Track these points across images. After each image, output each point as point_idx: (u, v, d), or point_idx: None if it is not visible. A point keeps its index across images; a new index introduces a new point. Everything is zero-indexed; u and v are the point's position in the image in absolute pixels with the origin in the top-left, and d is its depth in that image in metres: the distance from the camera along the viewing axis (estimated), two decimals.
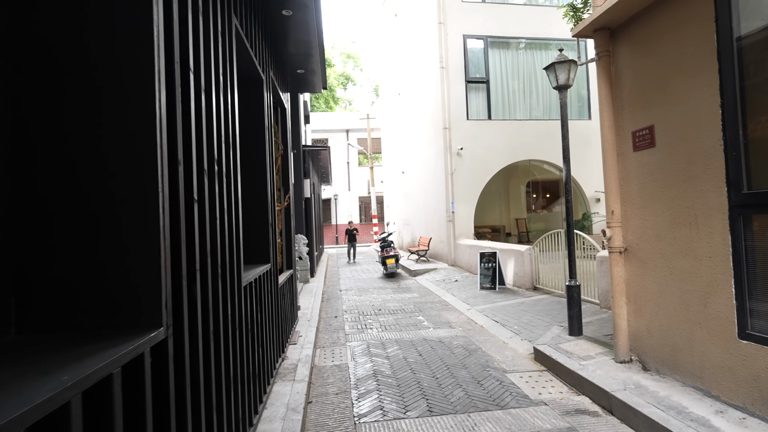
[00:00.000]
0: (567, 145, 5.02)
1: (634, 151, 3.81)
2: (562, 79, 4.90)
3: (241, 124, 3.92)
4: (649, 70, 3.63)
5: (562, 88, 4.96)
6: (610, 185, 4.04)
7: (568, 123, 5.05)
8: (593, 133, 12.96)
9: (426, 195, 14.87)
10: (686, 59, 3.24)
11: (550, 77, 5.02)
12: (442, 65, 12.46)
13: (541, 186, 18.36)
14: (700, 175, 3.15)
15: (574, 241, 4.99)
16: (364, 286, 10.86)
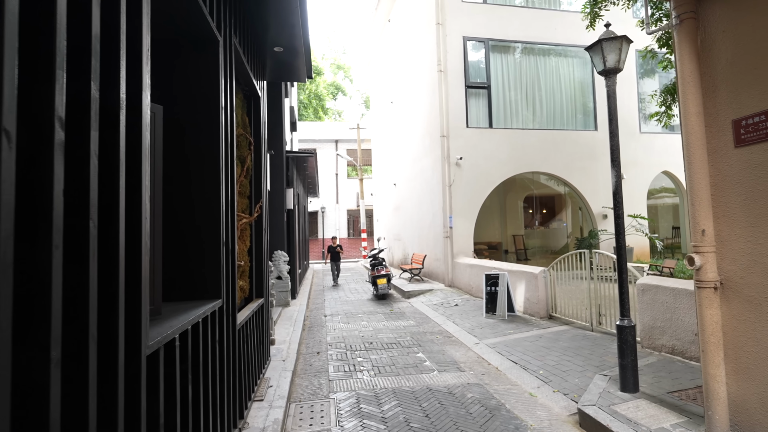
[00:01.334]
0: (617, 144, 3.96)
1: (737, 146, 2.74)
2: (611, 61, 3.86)
3: (173, 94, 2.76)
4: (763, 33, 2.59)
5: (610, 72, 3.91)
6: (698, 194, 2.95)
7: (617, 116, 3.99)
8: (600, 144, 12.07)
9: (420, 208, 13.77)
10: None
11: (596, 60, 3.98)
12: (440, 68, 11.49)
13: (539, 201, 17.44)
14: None
15: (625, 267, 3.88)
16: (353, 309, 9.62)
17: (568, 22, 12.15)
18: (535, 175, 12.76)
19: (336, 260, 14.02)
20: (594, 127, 12.24)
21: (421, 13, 12.94)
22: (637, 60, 12.67)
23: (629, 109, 12.45)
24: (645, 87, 12.89)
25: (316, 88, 29.98)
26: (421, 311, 9.15)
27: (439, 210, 11.89)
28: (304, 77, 5.38)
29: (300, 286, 12.25)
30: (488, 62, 11.70)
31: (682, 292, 4.62)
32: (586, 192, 12.04)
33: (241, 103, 4.30)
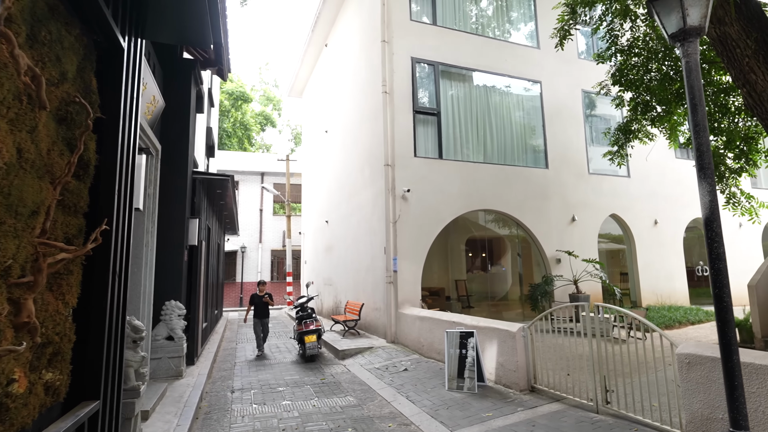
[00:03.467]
0: (706, 142, 2.49)
1: None
2: (695, 17, 2.49)
3: None
4: None
5: (690, 33, 2.54)
6: None
7: (702, 99, 2.57)
8: (551, 183, 11.29)
9: (357, 249, 11.95)
10: None
11: (666, 17, 2.58)
12: (385, 89, 10.15)
13: (479, 244, 16.48)
14: None
15: (733, 332, 2.36)
16: (272, 379, 7.34)
17: (518, 54, 11.57)
18: (481, 214, 11.61)
19: (262, 316, 9.60)
20: (545, 165, 11.48)
21: (365, 32, 11.72)
22: (584, 99, 12.36)
23: (577, 148, 11.94)
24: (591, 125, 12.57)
25: (243, 117, 27.62)
26: (361, 379, 7.12)
27: (381, 251, 10.18)
28: (209, 40, 3.51)
29: (204, 346, 9.64)
30: (438, 87, 10.60)
31: (765, 371, 3.22)
32: (539, 234, 11.04)
33: (73, 47, 2.34)
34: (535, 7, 12.12)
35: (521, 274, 14.17)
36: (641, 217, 12.35)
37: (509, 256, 14.84)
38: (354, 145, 12.38)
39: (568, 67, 12.17)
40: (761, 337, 7.01)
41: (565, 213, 11.42)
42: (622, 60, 9.18)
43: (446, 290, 14.60)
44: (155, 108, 6.58)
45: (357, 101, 12.22)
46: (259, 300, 9.73)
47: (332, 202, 14.56)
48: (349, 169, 12.74)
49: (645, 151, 11.33)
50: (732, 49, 6.49)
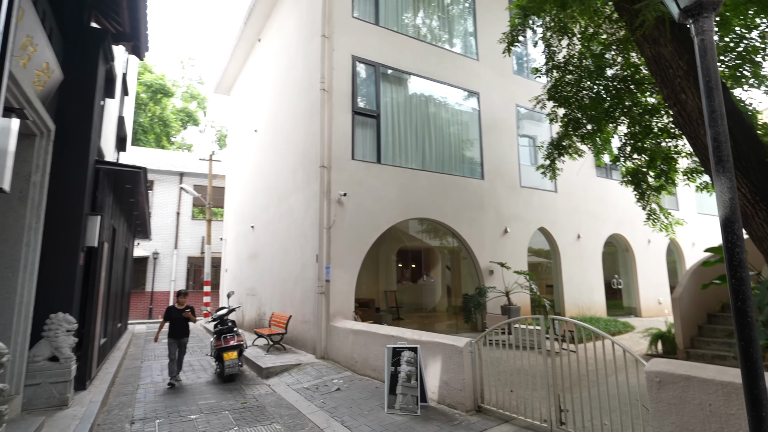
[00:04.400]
0: (723, 132, 2.19)
1: None
2: None
3: None
4: None
5: (705, 7, 2.24)
6: None
7: (719, 80, 2.28)
8: (486, 194, 11.33)
9: (285, 257, 11.07)
10: None
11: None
12: (323, 87, 9.52)
13: (410, 255, 16.28)
14: None
15: (759, 354, 2.04)
16: (182, 405, 6.27)
17: (458, 64, 11.56)
18: (413, 224, 11.32)
19: (180, 334, 7.63)
20: (481, 176, 11.49)
21: (303, 26, 11.04)
22: (517, 114, 12.66)
23: (511, 161, 12.15)
24: (523, 140, 12.90)
25: (162, 112, 25.15)
26: (289, 402, 6.31)
27: (312, 258, 9.43)
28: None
29: (101, 366, 8.18)
30: (378, 89, 10.19)
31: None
32: (474, 245, 10.96)
33: None
34: (476, 21, 12.25)
35: (449, 286, 14.11)
36: (566, 231, 12.84)
37: (440, 267, 14.76)
38: (286, 146, 11.55)
39: (504, 81, 12.43)
40: (683, 348, 7.31)
41: (498, 225, 11.49)
42: (557, 76, 9.42)
43: (376, 301, 14.11)
44: (49, 79, 5.40)
45: (292, 99, 11.44)
46: (178, 314, 7.73)
47: (259, 205, 13.51)
48: (280, 170, 11.86)
49: (571, 167, 11.80)
50: (665, 68, 6.75)
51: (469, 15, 12.30)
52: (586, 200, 13.48)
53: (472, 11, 12.28)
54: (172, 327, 7.65)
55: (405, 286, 15.43)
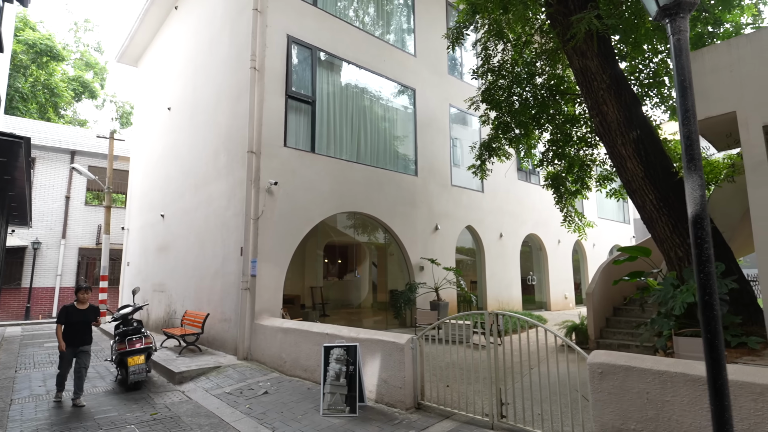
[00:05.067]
0: (695, 130, 2.44)
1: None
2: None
3: None
4: None
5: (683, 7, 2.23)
6: None
7: (692, 79, 2.40)
8: (419, 191, 11.38)
9: (203, 249, 10.10)
10: None
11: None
12: (254, 66, 8.80)
13: (338, 250, 15.92)
14: None
15: (722, 345, 2.09)
16: (72, 420, 5.32)
17: (396, 58, 11.43)
18: (341, 218, 11.01)
19: (79, 342, 6.07)
20: (415, 172, 11.50)
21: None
22: (450, 114, 12.89)
23: (443, 160, 12.34)
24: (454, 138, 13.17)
25: (49, 78, 21.64)
26: (209, 410, 5.66)
27: (235, 252, 8.69)
28: None
29: None
30: (315, 74, 9.68)
31: (678, 379, 3.18)
32: (405, 241, 10.93)
33: None
34: (415, 18, 12.22)
35: (375, 283, 14.02)
36: (491, 230, 13.38)
37: (367, 263, 14.60)
38: (208, 127, 10.54)
39: (439, 81, 12.57)
40: (594, 339, 7.89)
41: (430, 222, 11.60)
42: (491, 80, 9.69)
43: (301, 298, 13.56)
44: None
45: (216, 76, 10.45)
46: (79, 316, 6.06)
47: (172, 192, 12.21)
48: (199, 154, 10.80)
49: (497, 169, 12.29)
50: (591, 80, 7.18)
51: (409, 11, 12.23)
52: (508, 201, 14.18)
53: (412, 8, 12.24)
54: (69, 332, 6.02)
55: (331, 282, 15.01)
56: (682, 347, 4.85)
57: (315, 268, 14.31)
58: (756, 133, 4.87)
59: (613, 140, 6.88)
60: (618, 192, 9.85)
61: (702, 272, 2.05)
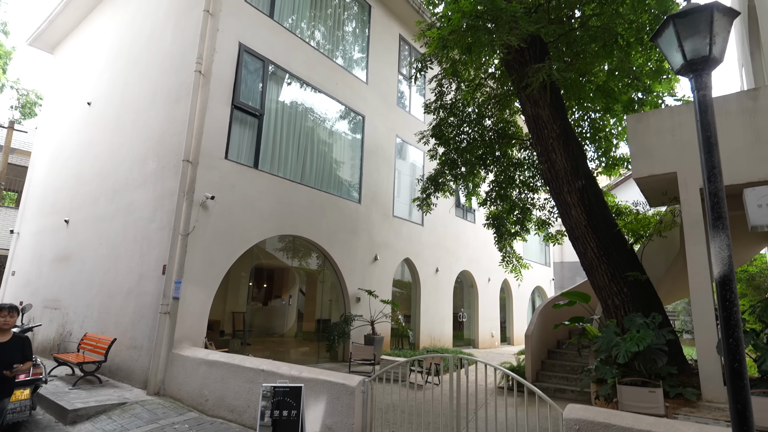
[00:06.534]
0: (721, 188, 2.19)
1: None
2: (719, 48, 2.20)
3: None
4: None
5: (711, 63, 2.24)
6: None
7: (717, 136, 2.26)
8: (362, 219, 11.12)
9: (116, 263, 8.89)
10: None
11: (672, 50, 2.23)
12: (199, 69, 8.14)
13: (265, 274, 14.99)
14: None
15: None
16: None
17: (348, 82, 11.28)
18: (271, 240, 10.38)
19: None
20: (358, 199, 11.23)
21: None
22: (397, 145, 12.91)
23: (387, 190, 12.23)
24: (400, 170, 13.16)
25: None
26: None
27: (156, 270, 7.72)
28: None
29: None
30: (265, 88, 9.17)
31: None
32: (344, 269, 10.50)
33: None
34: (369, 47, 12.24)
35: (302, 311, 13.30)
36: (428, 264, 13.39)
37: (296, 289, 13.88)
38: (136, 128, 9.49)
39: (388, 111, 12.60)
40: (531, 381, 7.96)
41: (370, 251, 11.30)
42: (443, 116, 9.86)
43: (221, 323, 12.42)
44: None
45: (151, 74, 9.53)
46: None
47: (83, 195, 10.75)
48: (122, 157, 9.66)
49: (440, 204, 12.43)
50: (542, 128, 7.50)
51: (364, 39, 12.24)
52: (446, 237, 14.36)
53: (367, 37, 12.27)
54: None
55: (255, 307, 13.98)
56: (626, 396, 4.94)
57: (239, 291, 13.27)
58: (694, 194, 5.26)
59: (560, 187, 7.15)
60: (554, 237, 10.33)
61: (731, 337, 1.96)
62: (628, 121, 5.98)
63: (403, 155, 13.46)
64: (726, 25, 2.23)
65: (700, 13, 2.22)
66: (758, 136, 4.92)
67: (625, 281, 6.39)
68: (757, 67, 7.21)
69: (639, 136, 5.83)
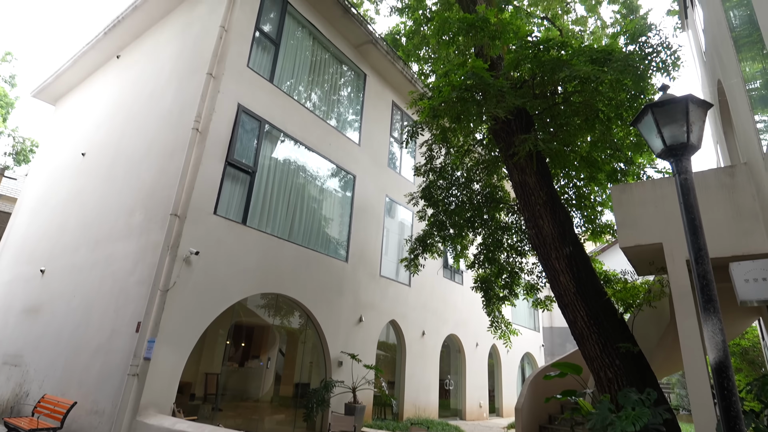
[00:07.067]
0: (709, 270, 2.17)
1: None
2: (696, 135, 2.28)
3: None
4: None
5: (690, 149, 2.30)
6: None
7: (701, 219, 2.27)
8: (348, 279, 10.94)
9: (88, 317, 8.50)
10: None
11: (667, 133, 2.32)
12: (197, 127, 8.30)
13: (244, 333, 14.40)
14: None
15: None
16: None
17: (341, 143, 11.56)
18: (253, 297, 10.10)
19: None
20: (345, 258, 11.10)
21: (185, 58, 9.82)
22: (386, 205, 13.03)
23: (374, 249, 12.15)
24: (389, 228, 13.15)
25: None
26: None
27: (129, 326, 7.38)
28: None
29: None
30: (260, 146, 9.33)
31: None
32: (327, 331, 10.14)
33: None
34: (363, 111, 12.72)
35: (281, 374, 12.65)
36: (414, 326, 13.02)
37: (275, 350, 13.29)
38: (127, 180, 9.49)
39: (378, 171, 12.84)
40: None
41: (354, 312, 11.00)
42: (432, 179, 10.05)
43: (193, 386, 11.69)
44: None
45: (149, 129, 9.70)
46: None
47: (63, 245, 10.49)
48: (110, 207, 9.56)
49: (427, 265, 12.32)
50: (529, 195, 7.64)
51: (358, 104, 12.74)
52: (433, 298, 14.11)
53: (362, 102, 12.78)
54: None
55: (231, 368, 13.26)
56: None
57: (215, 351, 12.64)
58: (680, 265, 5.27)
59: (548, 253, 7.14)
60: (543, 303, 10.19)
61: (731, 430, 1.84)
62: (613, 192, 6.11)
63: (392, 214, 13.54)
64: (701, 114, 2.33)
65: (676, 103, 2.32)
66: (738, 210, 5.04)
67: (617, 353, 6.21)
68: (731, 145, 7.56)
69: (623, 206, 5.93)
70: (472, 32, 7.53)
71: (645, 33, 7.06)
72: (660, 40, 6.89)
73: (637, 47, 7.08)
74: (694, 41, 10.88)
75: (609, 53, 6.77)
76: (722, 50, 5.98)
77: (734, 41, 5.31)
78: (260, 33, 9.83)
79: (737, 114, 5.73)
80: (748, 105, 4.83)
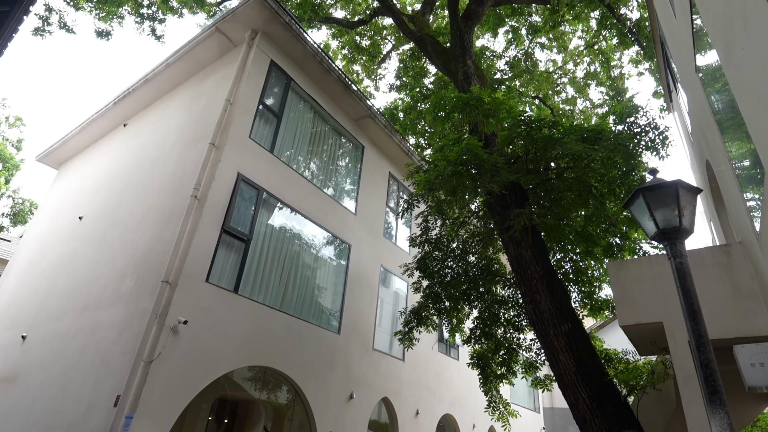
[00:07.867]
0: (712, 359, 2.11)
1: None
2: (688, 220, 2.33)
3: None
4: None
5: (683, 233, 2.33)
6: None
7: (699, 304, 2.23)
8: (340, 351, 10.55)
9: (66, 389, 8.02)
10: None
11: (660, 217, 2.37)
12: (196, 194, 8.42)
13: (228, 407, 13.58)
14: None
15: None
16: None
17: (338, 213, 11.69)
18: (239, 369, 9.64)
19: None
20: (338, 330, 10.77)
21: (189, 128, 10.21)
22: (381, 276, 12.90)
23: (368, 320, 11.83)
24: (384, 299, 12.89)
25: None
26: None
27: (108, 400, 6.95)
28: None
29: None
30: (257, 215, 9.41)
31: None
32: (316, 408, 9.55)
33: None
34: (360, 182, 13.02)
35: None
36: (407, 404, 12.32)
37: (260, 427, 12.44)
38: (121, 245, 9.44)
39: (374, 241, 12.86)
40: None
41: (345, 388, 10.45)
42: (427, 250, 10.06)
43: None
44: None
45: (147, 195, 9.83)
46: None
47: (49, 311, 10.17)
48: (101, 272, 9.41)
49: (422, 339, 11.95)
50: (525, 269, 7.60)
51: (356, 175, 13.08)
52: (427, 374, 13.51)
53: (359, 171, 13.13)
54: None
55: None
56: None
57: (196, 427, 11.82)
58: (683, 346, 5.13)
59: (546, 330, 6.96)
60: (543, 382, 9.76)
61: None
62: (609, 268, 6.09)
63: (386, 284, 13.37)
64: (692, 199, 2.40)
65: (666, 188, 2.39)
66: (738, 290, 5.00)
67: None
68: (725, 223, 7.68)
69: (621, 283, 5.88)
70: (467, 110, 7.91)
71: (632, 114, 7.40)
72: (648, 120, 7.20)
73: (625, 127, 7.40)
74: (680, 122, 11.42)
75: (599, 132, 7.03)
76: (708, 132, 6.24)
77: (718, 124, 5.55)
78: (263, 106, 10.31)
79: (728, 194, 5.88)
80: (737, 185, 4.97)
